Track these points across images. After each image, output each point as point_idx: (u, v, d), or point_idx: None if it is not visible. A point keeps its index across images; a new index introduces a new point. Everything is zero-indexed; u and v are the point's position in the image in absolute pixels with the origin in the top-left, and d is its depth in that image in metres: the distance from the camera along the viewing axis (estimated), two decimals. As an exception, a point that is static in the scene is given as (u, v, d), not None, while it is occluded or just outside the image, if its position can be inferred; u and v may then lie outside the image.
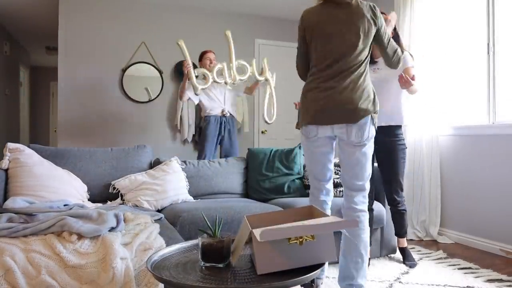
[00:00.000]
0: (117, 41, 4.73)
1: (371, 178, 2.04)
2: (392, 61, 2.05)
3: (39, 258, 1.55)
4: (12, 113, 6.64)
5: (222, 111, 3.84)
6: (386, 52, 2.02)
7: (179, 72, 4.91)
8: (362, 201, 1.96)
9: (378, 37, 1.96)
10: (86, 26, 4.62)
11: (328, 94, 1.89)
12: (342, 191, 2.90)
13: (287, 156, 3.14)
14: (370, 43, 1.94)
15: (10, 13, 5.35)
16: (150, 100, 4.85)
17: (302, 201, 2.71)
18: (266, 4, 4.99)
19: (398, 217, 2.78)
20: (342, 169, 2.01)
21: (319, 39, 1.95)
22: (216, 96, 3.82)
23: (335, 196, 2.90)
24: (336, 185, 2.92)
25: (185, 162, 3.01)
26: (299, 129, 2.07)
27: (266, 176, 3.08)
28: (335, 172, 2.97)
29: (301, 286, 1.49)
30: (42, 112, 8.78)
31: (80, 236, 1.68)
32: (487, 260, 2.89)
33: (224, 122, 3.86)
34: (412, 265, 2.68)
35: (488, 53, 3.22)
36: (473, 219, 3.28)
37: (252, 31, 5.33)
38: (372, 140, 1.95)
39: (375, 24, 1.92)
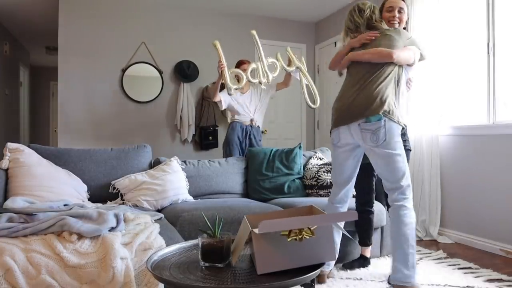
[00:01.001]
0: (117, 41, 4.73)
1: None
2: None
3: (39, 258, 1.55)
4: (12, 113, 6.64)
5: (251, 120, 3.80)
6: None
7: (179, 72, 4.91)
8: (400, 197, 2.12)
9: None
10: (86, 26, 4.62)
11: (347, 101, 2.17)
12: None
13: (287, 156, 3.15)
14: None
15: (10, 13, 5.35)
16: (150, 100, 4.85)
17: (302, 201, 2.71)
18: (266, 4, 4.99)
19: (362, 221, 2.57)
20: (376, 169, 2.20)
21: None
22: (246, 105, 3.78)
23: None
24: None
25: (185, 162, 3.01)
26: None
27: (266, 176, 3.08)
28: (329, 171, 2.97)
29: (301, 286, 1.49)
30: (42, 112, 8.78)
31: (80, 236, 1.68)
32: (487, 260, 2.89)
33: (250, 131, 3.80)
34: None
35: (488, 53, 3.22)
36: (473, 219, 3.28)
37: (252, 31, 5.32)
38: (394, 143, 2.08)
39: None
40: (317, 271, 1.34)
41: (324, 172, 3.00)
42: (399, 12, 2.38)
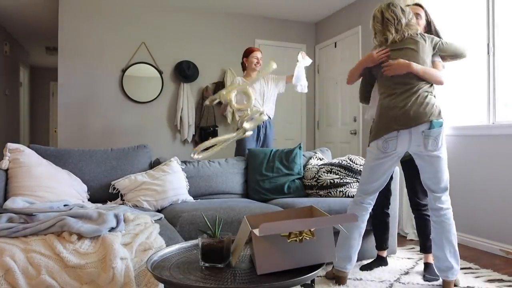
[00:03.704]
0: (117, 41, 4.73)
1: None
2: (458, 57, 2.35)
3: (39, 258, 1.55)
4: (12, 113, 6.64)
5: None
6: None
7: (179, 72, 4.91)
8: (447, 199, 2.24)
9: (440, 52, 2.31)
10: (86, 26, 4.62)
11: (402, 106, 2.12)
12: (341, 191, 2.90)
13: (287, 156, 3.14)
14: (425, 61, 2.21)
15: (10, 13, 5.35)
16: (150, 100, 4.85)
17: (302, 201, 2.71)
18: (266, 4, 4.99)
19: (422, 224, 2.51)
20: (424, 175, 2.23)
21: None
22: (255, 98, 3.61)
23: (334, 196, 2.90)
24: (336, 185, 2.91)
25: (185, 162, 3.01)
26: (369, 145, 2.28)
27: (266, 176, 3.08)
28: (335, 172, 2.97)
29: (301, 286, 1.49)
30: (42, 112, 8.78)
31: (80, 236, 1.68)
32: (487, 260, 2.89)
33: (261, 126, 3.70)
34: (431, 280, 2.42)
35: (488, 53, 3.22)
36: (473, 219, 3.28)
37: (252, 31, 5.33)
38: (444, 146, 2.16)
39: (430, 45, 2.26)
40: (317, 271, 1.34)
41: (324, 172, 3.00)
42: (416, 18, 2.39)
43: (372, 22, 2.31)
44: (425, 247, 2.52)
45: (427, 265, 2.52)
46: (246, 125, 3.13)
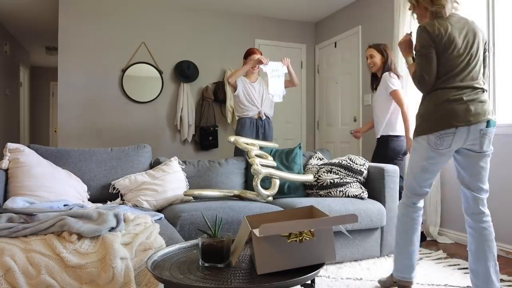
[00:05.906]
0: (117, 41, 4.73)
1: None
2: None
3: (39, 258, 1.55)
4: (12, 113, 6.64)
5: (259, 113, 3.69)
6: None
7: (179, 72, 4.91)
8: (486, 203, 2.01)
9: None
10: (86, 26, 4.62)
11: (467, 99, 1.93)
12: (341, 191, 2.89)
13: (287, 156, 3.14)
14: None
15: (10, 13, 5.35)
16: (150, 100, 4.85)
17: (302, 201, 2.71)
18: (266, 4, 4.99)
19: None
20: (468, 173, 2.01)
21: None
22: (254, 97, 3.67)
23: (334, 196, 2.90)
24: (336, 185, 2.91)
25: (185, 162, 3.01)
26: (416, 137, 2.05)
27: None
28: (335, 172, 2.97)
29: (301, 286, 1.49)
30: (42, 112, 8.79)
31: (80, 236, 1.68)
32: (487, 260, 2.89)
33: (260, 126, 3.70)
34: None
35: (488, 53, 3.22)
36: (473, 219, 3.28)
37: (252, 31, 5.33)
38: None
39: None
40: (318, 271, 1.34)
41: (324, 172, 3.00)
42: (371, 57, 3.34)
43: None
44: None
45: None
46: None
